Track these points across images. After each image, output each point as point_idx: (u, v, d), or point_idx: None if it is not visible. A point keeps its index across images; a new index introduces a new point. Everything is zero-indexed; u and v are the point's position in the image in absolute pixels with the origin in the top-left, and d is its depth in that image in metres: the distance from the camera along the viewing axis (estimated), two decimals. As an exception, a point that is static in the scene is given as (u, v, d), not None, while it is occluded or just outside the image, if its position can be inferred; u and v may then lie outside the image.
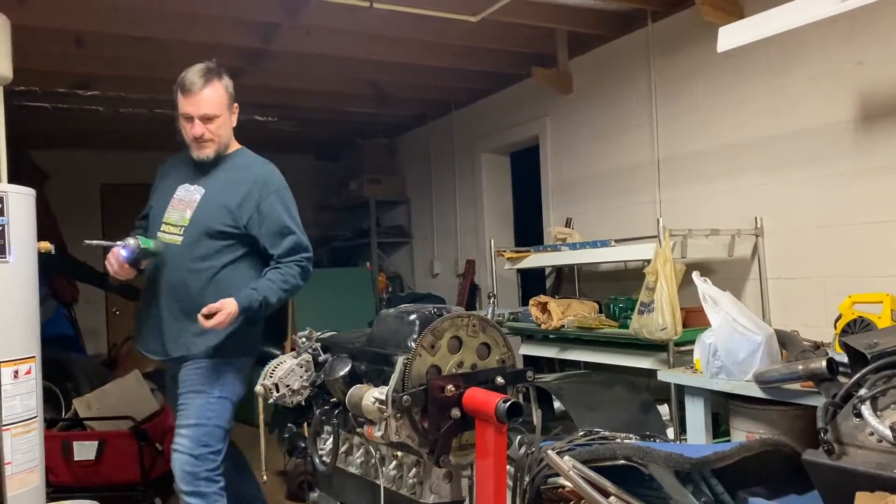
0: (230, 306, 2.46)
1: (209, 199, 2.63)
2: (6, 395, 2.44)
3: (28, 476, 2.55)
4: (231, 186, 2.64)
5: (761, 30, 2.92)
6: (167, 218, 2.66)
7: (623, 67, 4.38)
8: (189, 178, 2.69)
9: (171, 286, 2.62)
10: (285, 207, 2.65)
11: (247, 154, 2.76)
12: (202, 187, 2.65)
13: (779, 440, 2.05)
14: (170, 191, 2.71)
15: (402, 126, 6.96)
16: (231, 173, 2.68)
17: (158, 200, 2.74)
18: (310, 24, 4.07)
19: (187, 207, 2.63)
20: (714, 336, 2.90)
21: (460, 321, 1.89)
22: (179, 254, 2.60)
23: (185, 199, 2.66)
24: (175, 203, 2.66)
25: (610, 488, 1.85)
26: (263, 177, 2.67)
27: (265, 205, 2.62)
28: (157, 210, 2.72)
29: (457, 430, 1.82)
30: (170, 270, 2.62)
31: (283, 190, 2.68)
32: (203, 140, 2.61)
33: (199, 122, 2.58)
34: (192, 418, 2.58)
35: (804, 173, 3.37)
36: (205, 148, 2.63)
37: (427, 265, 6.78)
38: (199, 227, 2.60)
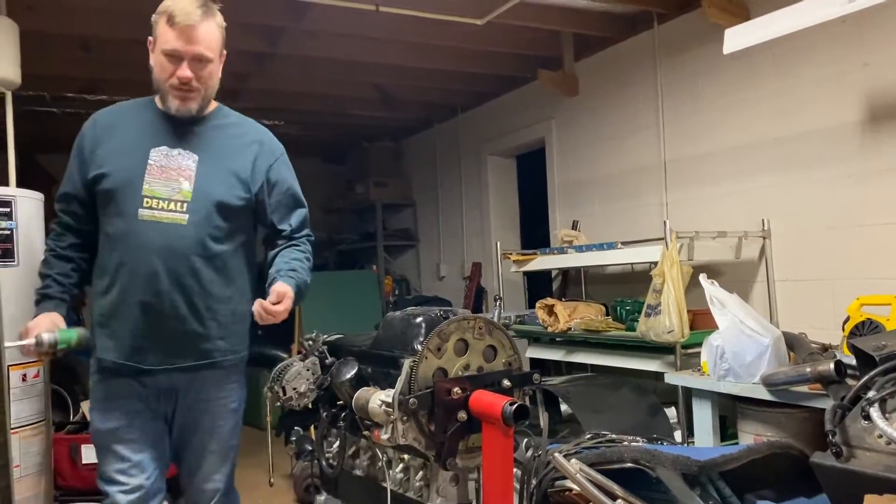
0: (289, 291, 2.00)
1: (212, 167, 2.09)
2: (14, 399, 2.45)
3: (36, 479, 2.56)
4: (234, 149, 2.15)
5: (768, 31, 2.92)
6: (150, 190, 2.02)
7: (629, 69, 4.37)
8: (164, 140, 2.08)
9: (174, 278, 2.02)
10: (293, 175, 2.26)
11: (230, 111, 2.25)
12: (192, 152, 2.08)
13: (787, 443, 2.05)
14: (134, 155, 2.05)
15: (408, 129, 6.96)
16: (225, 133, 2.16)
17: (116, 167, 2.04)
18: (315, 27, 4.08)
19: (180, 177, 2.05)
20: (721, 338, 2.89)
21: (466, 324, 1.89)
22: (185, 236, 2.03)
23: (170, 166, 2.05)
24: (155, 171, 2.03)
25: (617, 491, 1.84)
26: (265, 137, 2.23)
27: (275, 171, 2.19)
28: (120, 181, 2.03)
29: (463, 432, 1.82)
30: (170, 258, 2.01)
31: (285, 154, 2.27)
32: (190, 88, 2.03)
33: (190, 62, 2.01)
34: (224, 443, 2.17)
35: (811, 175, 3.36)
36: (189, 100, 2.05)
37: (433, 268, 6.78)
38: (210, 201, 2.06)
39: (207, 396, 2.13)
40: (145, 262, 2.00)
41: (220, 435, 2.16)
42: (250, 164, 2.14)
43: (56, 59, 4.28)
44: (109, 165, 2.04)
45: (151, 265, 2.00)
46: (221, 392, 2.15)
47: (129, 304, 2.02)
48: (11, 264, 2.49)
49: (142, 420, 2.08)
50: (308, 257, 2.21)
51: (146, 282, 2.00)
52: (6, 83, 3.20)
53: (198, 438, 2.15)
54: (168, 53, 2.01)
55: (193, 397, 2.11)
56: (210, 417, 2.14)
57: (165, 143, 2.07)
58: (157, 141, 2.07)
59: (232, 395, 2.18)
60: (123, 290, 2.02)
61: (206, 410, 2.14)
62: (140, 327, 2.02)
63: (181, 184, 2.05)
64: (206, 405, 2.13)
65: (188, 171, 2.06)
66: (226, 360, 2.13)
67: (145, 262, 2.00)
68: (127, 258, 2.02)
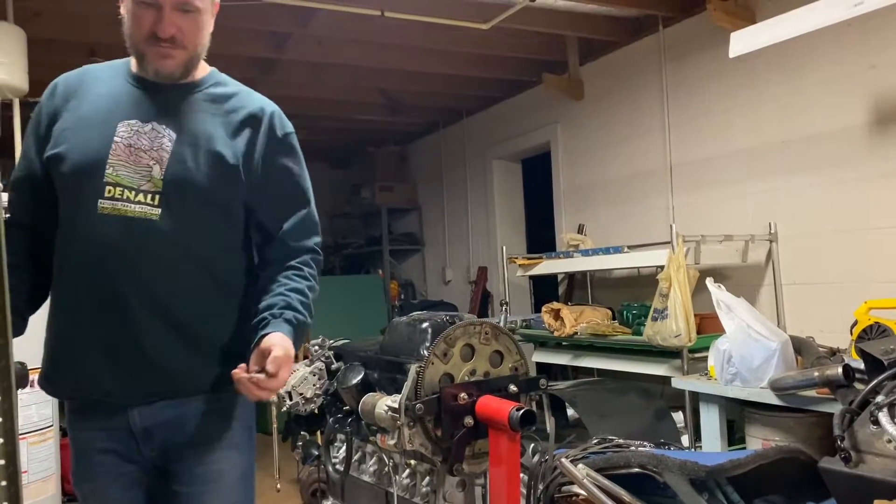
0: (288, 349, 1.52)
1: (190, 145, 1.59)
2: (22, 405, 2.46)
3: (44, 485, 2.57)
4: (221, 123, 1.64)
5: (773, 34, 2.91)
6: (113, 175, 1.55)
7: (635, 73, 4.37)
8: (134, 112, 1.60)
9: (145, 289, 1.55)
10: (301, 162, 1.74)
11: (227, 78, 1.75)
12: (167, 127, 1.60)
13: (795, 448, 2.04)
14: (97, 130, 1.59)
15: (414, 134, 6.97)
16: (215, 105, 1.66)
17: (74, 145, 1.58)
18: (321, 33, 4.09)
19: (151, 159, 1.57)
20: (728, 342, 2.88)
21: (472, 329, 1.89)
22: (157, 235, 1.56)
23: (139, 144, 1.57)
24: (121, 151, 1.56)
25: (624, 496, 1.84)
26: (267, 110, 1.69)
27: (277, 155, 1.68)
28: (77, 162, 1.57)
29: (470, 438, 1.82)
30: (140, 262, 1.55)
31: (294, 134, 1.74)
32: (172, 45, 1.56)
33: (171, 12, 1.55)
34: (228, 498, 1.65)
35: (818, 178, 3.35)
36: (169, 58, 1.58)
37: (439, 272, 6.78)
38: (188, 190, 1.58)
39: (199, 435, 1.62)
40: (105, 270, 1.54)
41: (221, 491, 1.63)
42: (243, 143, 1.63)
43: (63, 66, 4.29)
44: (67, 143, 1.58)
45: (114, 274, 1.54)
46: (219, 428, 1.64)
47: (82, 328, 1.57)
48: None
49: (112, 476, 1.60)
50: (313, 288, 1.67)
51: (105, 297, 1.55)
52: (14, 90, 3.22)
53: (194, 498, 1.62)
54: (143, 0, 1.54)
55: (180, 438, 1.61)
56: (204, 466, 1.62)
57: (137, 116, 1.60)
58: (127, 112, 1.60)
59: (235, 431, 1.66)
60: (77, 302, 1.57)
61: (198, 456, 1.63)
62: (100, 350, 1.56)
63: (151, 167, 1.57)
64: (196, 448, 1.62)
65: (162, 150, 1.58)
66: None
67: (105, 271, 1.54)
68: (79, 262, 1.57)
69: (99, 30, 3.86)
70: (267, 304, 1.59)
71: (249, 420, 1.71)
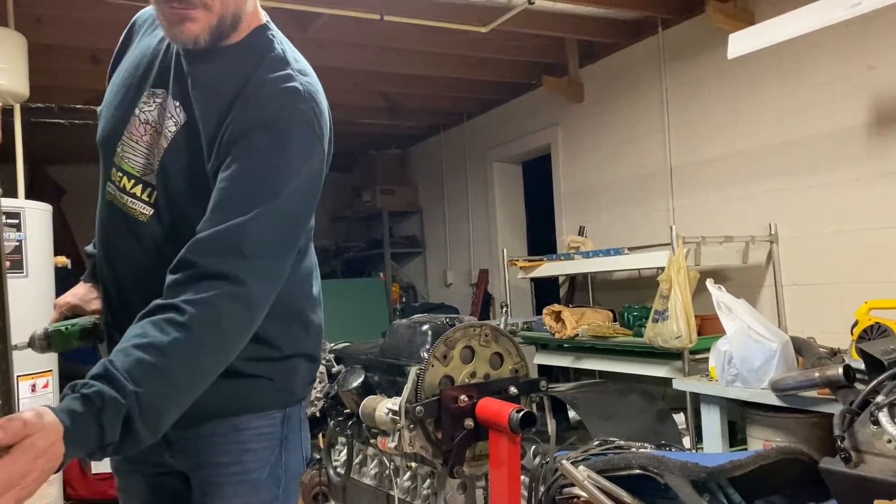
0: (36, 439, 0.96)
1: (194, 133, 1.25)
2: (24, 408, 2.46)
3: (46, 489, 2.58)
4: (213, 96, 1.25)
5: (772, 36, 2.92)
6: (119, 156, 1.29)
7: (634, 75, 4.38)
8: (164, 80, 1.29)
9: (126, 298, 1.32)
10: (266, 155, 1.19)
11: (262, 37, 1.34)
12: (181, 105, 1.26)
13: (796, 448, 2.03)
14: (124, 95, 1.32)
15: (415, 137, 6.98)
16: (220, 68, 1.27)
17: (104, 109, 1.36)
18: (322, 37, 4.10)
19: (158, 144, 1.26)
20: (729, 344, 2.88)
21: (472, 331, 1.89)
22: (143, 239, 1.28)
23: (155, 122, 1.28)
24: (134, 129, 1.29)
25: (625, 498, 1.84)
26: (255, 79, 1.25)
27: (238, 139, 1.19)
28: (101, 134, 1.34)
29: (470, 440, 1.82)
30: (123, 266, 1.32)
31: (286, 120, 1.21)
32: (189, 5, 1.20)
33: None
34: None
35: (818, 179, 3.35)
36: (187, 21, 1.20)
37: (440, 275, 6.78)
38: (175, 199, 1.26)
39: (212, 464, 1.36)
40: (108, 267, 1.33)
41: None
42: (215, 122, 1.23)
43: (64, 72, 4.31)
44: (105, 102, 1.35)
45: (116, 273, 1.32)
46: (231, 457, 1.35)
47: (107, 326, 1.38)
48: (20, 276, 2.51)
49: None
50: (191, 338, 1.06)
51: (112, 298, 1.33)
52: (15, 95, 3.23)
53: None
54: None
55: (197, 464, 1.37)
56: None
57: (164, 86, 1.28)
58: (158, 79, 1.29)
59: (250, 465, 1.36)
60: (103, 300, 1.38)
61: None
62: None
63: (150, 154, 1.27)
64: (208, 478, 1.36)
65: (163, 139, 1.26)
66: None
67: (108, 268, 1.33)
68: (100, 254, 1.37)
69: (100, 36, 3.87)
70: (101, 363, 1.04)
71: (275, 453, 1.38)
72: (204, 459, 1.35)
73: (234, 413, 1.33)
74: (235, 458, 1.34)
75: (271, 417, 1.37)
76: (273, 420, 1.37)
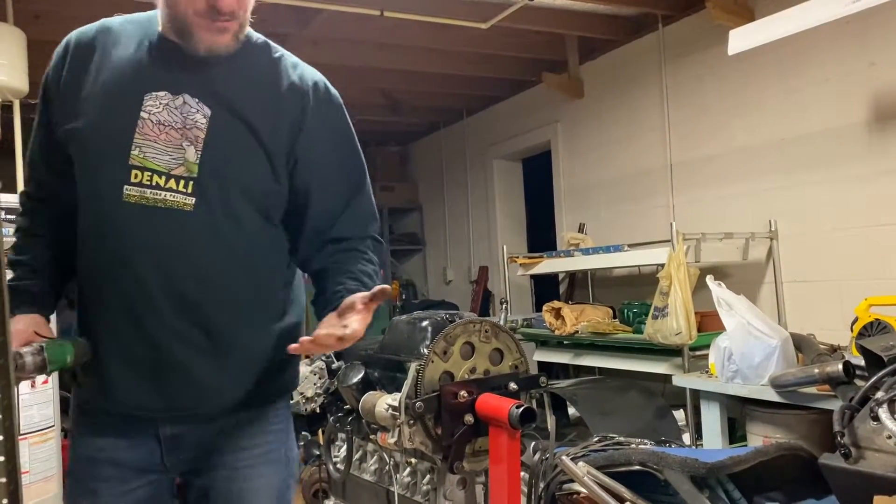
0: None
1: (228, 123, 1.37)
2: (24, 405, 2.47)
3: (45, 485, 2.58)
4: (262, 96, 1.41)
5: (772, 32, 2.91)
6: (140, 158, 1.34)
7: (634, 71, 4.37)
8: (163, 82, 1.37)
9: (177, 290, 1.35)
10: (353, 140, 1.56)
11: (265, 40, 1.50)
12: (202, 100, 1.37)
13: (795, 444, 2.04)
14: (121, 102, 1.36)
15: (415, 133, 6.98)
16: (253, 71, 1.43)
17: (93, 120, 1.35)
18: (321, 34, 4.10)
19: (184, 139, 1.35)
20: (729, 340, 2.88)
21: (472, 327, 1.89)
22: (189, 228, 1.35)
23: (170, 121, 1.35)
24: (148, 129, 1.34)
25: (625, 494, 1.84)
26: (310, 80, 1.46)
27: (325, 134, 1.47)
28: (99, 141, 1.35)
29: (470, 436, 1.82)
30: (170, 260, 1.35)
31: (343, 108, 1.53)
32: (231, 17, 1.32)
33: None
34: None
35: (818, 175, 3.35)
36: (224, 32, 1.34)
37: (440, 272, 6.78)
38: (227, 176, 1.37)
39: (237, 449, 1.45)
40: (129, 269, 1.34)
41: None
42: (287, 125, 1.40)
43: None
44: (87, 116, 1.35)
45: (139, 274, 1.34)
46: (257, 440, 1.46)
47: (110, 326, 1.38)
48: (20, 271, 2.50)
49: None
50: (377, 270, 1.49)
51: (131, 294, 1.35)
52: (14, 91, 3.23)
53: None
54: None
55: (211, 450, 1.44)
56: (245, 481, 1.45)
57: (166, 87, 1.36)
58: (155, 82, 1.36)
59: (272, 446, 1.49)
60: (102, 304, 1.38)
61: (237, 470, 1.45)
62: (128, 360, 1.37)
63: (184, 149, 1.34)
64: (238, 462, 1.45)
65: (197, 129, 1.35)
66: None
67: (129, 270, 1.34)
68: (104, 258, 1.37)
69: (99, 31, 3.87)
70: (335, 284, 1.39)
71: (288, 434, 1.52)
72: (235, 444, 1.43)
73: (275, 399, 1.48)
74: (262, 440, 1.46)
75: (286, 399, 1.53)
76: (287, 402, 1.54)
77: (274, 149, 1.39)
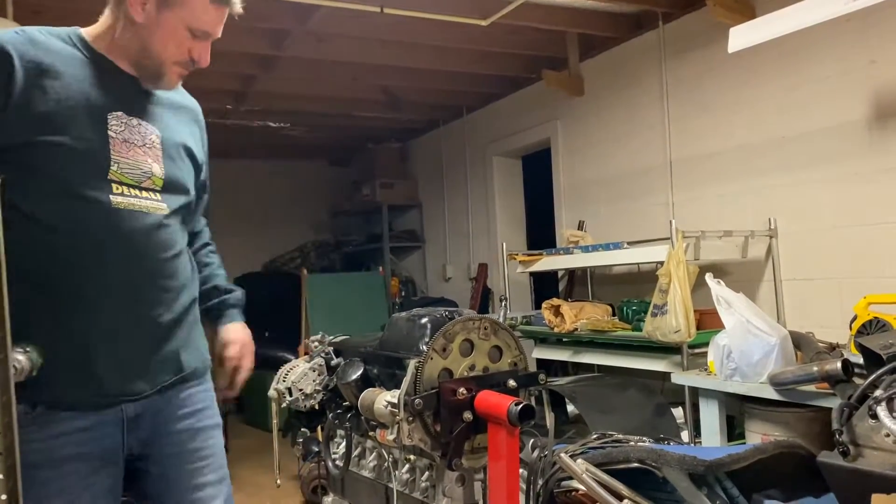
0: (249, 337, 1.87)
1: (172, 143, 1.67)
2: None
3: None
4: (184, 121, 1.75)
5: (773, 30, 2.91)
6: (117, 172, 1.53)
7: (634, 69, 4.37)
8: (117, 103, 1.57)
9: (158, 280, 1.61)
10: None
11: None
12: (148, 121, 1.63)
13: (794, 442, 2.04)
14: (89, 120, 1.51)
15: (414, 130, 6.97)
16: (172, 98, 1.73)
17: (70, 135, 1.48)
18: (320, 30, 4.09)
19: (147, 156, 1.59)
20: (728, 338, 2.88)
21: (472, 324, 1.89)
22: (162, 229, 1.61)
23: (132, 140, 1.57)
24: (118, 146, 1.54)
25: (623, 491, 1.84)
26: (196, 106, 1.83)
27: (207, 150, 1.86)
28: (79, 155, 1.49)
29: (469, 433, 1.82)
30: (151, 255, 1.58)
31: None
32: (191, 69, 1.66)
33: (208, 44, 1.64)
34: (222, 470, 1.75)
35: (818, 173, 3.35)
36: (178, 81, 1.69)
37: (439, 269, 6.78)
38: (179, 189, 1.67)
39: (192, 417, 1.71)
40: (127, 264, 1.55)
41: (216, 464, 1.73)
42: (200, 144, 1.79)
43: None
44: (62, 132, 1.47)
45: (135, 267, 1.56)
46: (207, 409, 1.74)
47: (100, 318, 1.52)
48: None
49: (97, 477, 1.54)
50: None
51: (126, 291, 1.55)
52: (13, 87, 3.21)
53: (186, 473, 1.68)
54: (197, 30, 1.58)
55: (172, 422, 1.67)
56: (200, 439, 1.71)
57: (121, 108, 1.57)
58: (111, 103, 1.55)
59: (215, 411, 1.77)
60: (90, 299, 1.51)
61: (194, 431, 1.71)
62: (119, 345, 1.54)
63: (150, 164, 1.59)
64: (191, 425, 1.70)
65: (156, 148, 1.61)
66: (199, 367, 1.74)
67: (127, 265, 1.55)
68: (93, 257, 1.51)
69: (98, 27, 3.86)
70: (213, 285, 1.87)
71: (216, 400, 1.82)
72: (195, 412, 1.69)
73: (207, 365, 1.77)
74: (211, 406, 1.75)
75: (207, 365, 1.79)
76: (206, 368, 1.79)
77: (200, 161, 1.78)
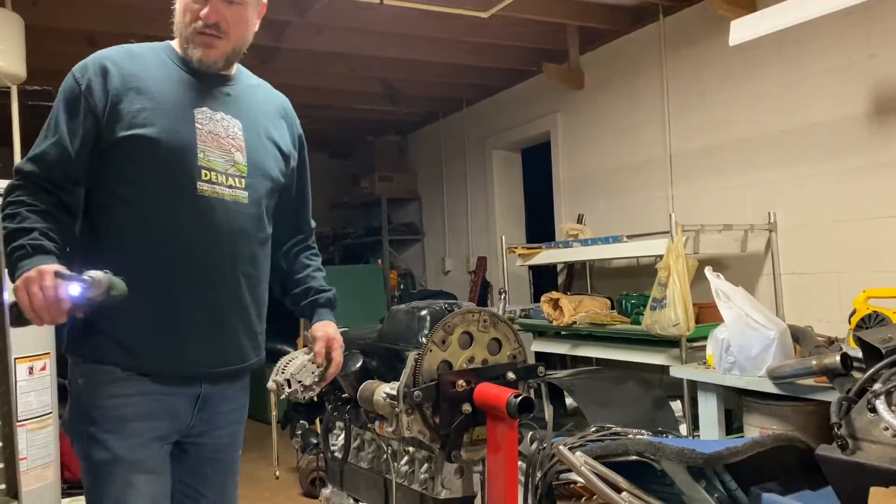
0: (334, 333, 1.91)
1: (255, 134, 1.77)
2: (21, 391, 2.47)
3: (43, 471, 2.58)
4: (269, 114, 1.84)
5: (773, 23, 2.91)
6: (206, 160, 1.65)
7: (635, 62, 4.36)
8: (201, 100, 1.70)
9: (241, 266, 1.71)
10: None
11: (249, 72, 1.92)
12: (232, 116, 1.74)
13: (792, 436, 2.04)
14: (177, 115, 1.65)
15: (414, 123, 6.96)
16: (256, 97, 1.84)
17: (161, 128, 1.62)
18: (320, 21, 4.07)
19: (232, 147, 1.70)
20: (727, 331, 2.89)
21: (471, 316, 1.89)
22: (244, 219, 1.71)
23: (217, 131, 1.69)
24: (205, 137, 1.66)
25: (622, 484, 1.84)
26: (288, 106, 1.95)
27: (302, 147, 1.94)
28: (171, 146, 1.62)
29: (468, 425, 1.82)
30: (236, 241, 1.69)
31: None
32: (215, 33, 1.67)
33: (217, 2, 1.65)
34: (237, 466, 1.88)
35: (818, 167, 3.35)
36: (213, 48, 1.68)
37: (438, 262, 6.78)
38: (263, 178, 1.76)
39: (240, 406, 1.83)
40: (210, 247, 1.66)
41: (238, 446, 1.87)
42: (288, 136, 1.86)
43: (61, 54, 4.27)
44: (153, 125, 1.60)
45: (218, 251, 1.67)
46: (243, 400, 1.85)
47: (182, 301, 1.64)
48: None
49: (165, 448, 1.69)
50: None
51: (209, 272, 1.66)
52: (11, 77, 3.21)
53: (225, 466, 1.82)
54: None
55: (228, 409, 1.78)
56: (237, 433, 1.84)
57: (205, 104, 1.69)
58: (196, 100, 1.69)
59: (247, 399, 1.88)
60: (176, 280, 1.63)
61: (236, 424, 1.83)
62: (201, 327, 1.66)
63: (233, 154, 1.70)
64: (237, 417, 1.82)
65: (238, 139, 1.72)
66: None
67: (210, 248, 1.66)
68: (180, 241, 1.63)
69: (97, 17, 3.85)
70: (308, 286, 1.93)
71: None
72: (240, 400, 1.81)
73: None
74: (247, 396, 1.84)
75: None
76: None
77: (287, 151, 1.84)
